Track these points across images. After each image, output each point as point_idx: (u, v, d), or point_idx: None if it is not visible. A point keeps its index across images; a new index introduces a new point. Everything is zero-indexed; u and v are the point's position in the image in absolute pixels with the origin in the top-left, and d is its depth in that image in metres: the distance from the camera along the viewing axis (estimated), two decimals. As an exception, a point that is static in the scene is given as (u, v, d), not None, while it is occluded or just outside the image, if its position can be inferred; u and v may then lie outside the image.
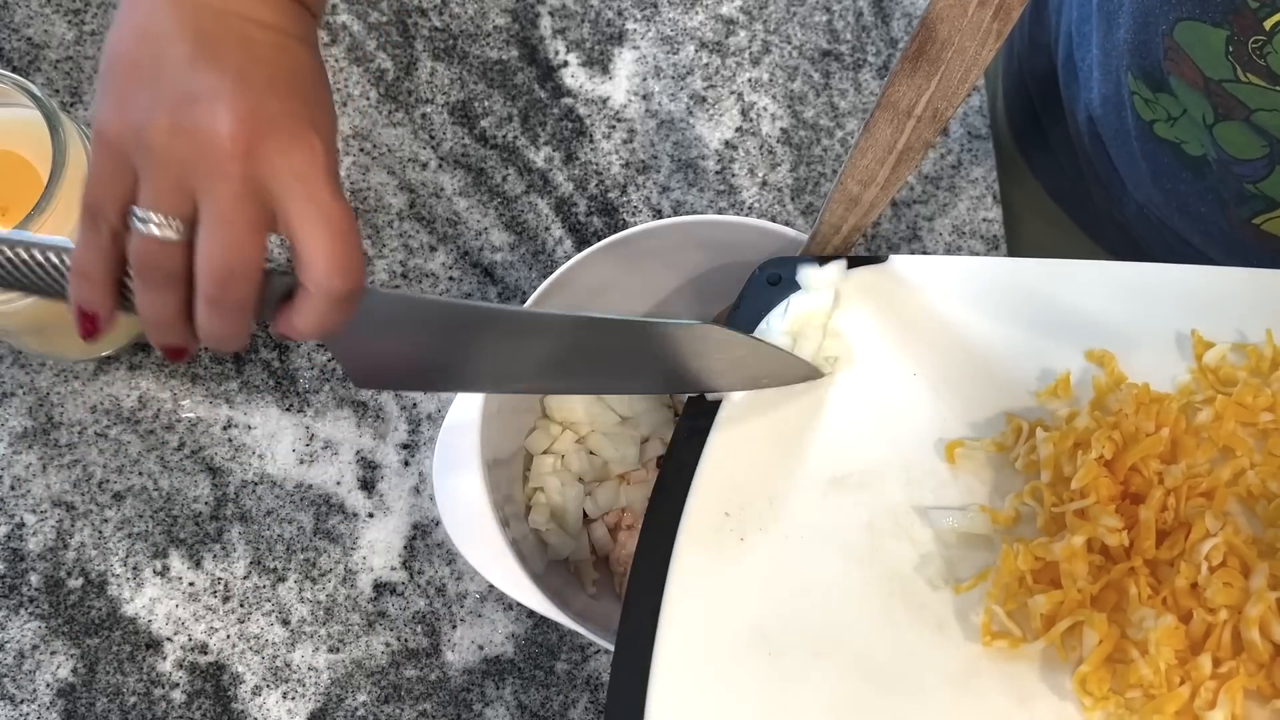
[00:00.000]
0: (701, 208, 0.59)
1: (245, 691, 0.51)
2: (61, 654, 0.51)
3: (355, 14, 0.59)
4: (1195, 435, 0.38)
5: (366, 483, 0.54)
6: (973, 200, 0.60)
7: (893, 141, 0.40)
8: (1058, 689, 0.35)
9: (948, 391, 0.40)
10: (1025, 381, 0.40)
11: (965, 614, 0.36)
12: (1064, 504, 0.37)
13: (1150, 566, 0.36)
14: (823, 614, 0.37)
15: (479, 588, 0.53)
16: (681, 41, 0.61)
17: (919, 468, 0.39)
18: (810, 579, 0.37)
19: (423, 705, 0.52)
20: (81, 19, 0.57)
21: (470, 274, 0.57)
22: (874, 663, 0.36)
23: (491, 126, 0.59)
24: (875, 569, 0.37)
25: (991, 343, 0.41)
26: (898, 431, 0.40)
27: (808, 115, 0.60)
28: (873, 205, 0.42)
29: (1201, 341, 0.40)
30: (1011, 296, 0.42)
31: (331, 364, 0.55)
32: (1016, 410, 0.40)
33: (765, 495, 0.39)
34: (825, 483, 0.39)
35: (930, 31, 0.37)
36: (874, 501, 0.39)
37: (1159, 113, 0.49)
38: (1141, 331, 0.41)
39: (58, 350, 0.53)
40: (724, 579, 0.38)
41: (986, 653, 0.36)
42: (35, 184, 0.45)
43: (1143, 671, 0.34)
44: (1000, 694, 0.35)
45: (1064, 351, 0.41)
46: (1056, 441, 0.37)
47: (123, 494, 0.53)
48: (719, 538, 0.38)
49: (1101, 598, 0.36)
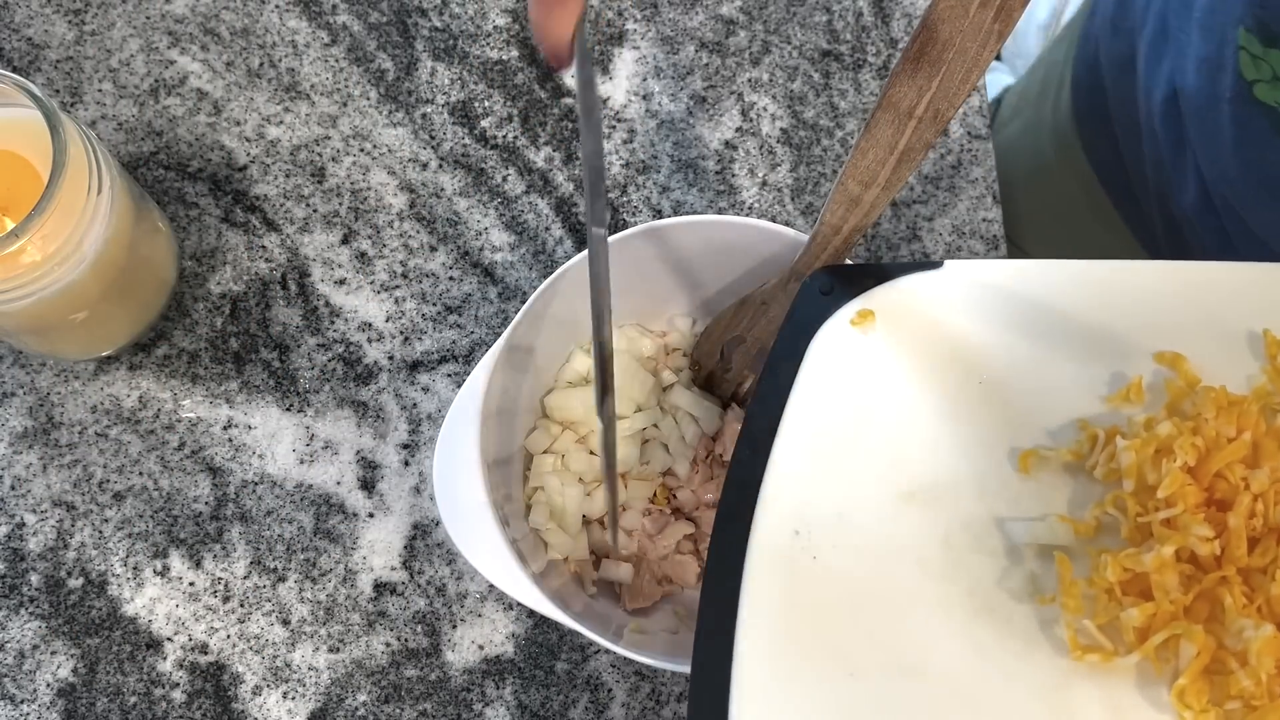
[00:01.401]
0: (701, 208, 0.59)
1: (245, 691, 0.51)
2: (62, 654, 0.51)
3: (355, 14, 0.59)
4: (1276, 438, 0.37)
5: (366, 483, 0.54)
6: (973, 200, 0.60)
7: (894, 142, 0.40)
8: (1155, 702, 0.34)
9: (1016, 399, 0.40)
10: (1095, 386, 0.39)
11: (1051, 627, 0.36)
12: (1150, 513, 0.36)
13: (1243, 575, 0.35)
14: (904, 632, 0.36)
15: (479, 588, 0.53)
16: (681, 41, 0.61)
17: (993, 478, 0.38)
18: (888, 596, 0.37)
19: (423, 705, 0.52)
20: (81, 19, 0.57)
21: (470, 274, 0.57)
22: (960, 680, 0.35)
23: (491, 126, 0.59)
24: (955, 584, 0.37)
25: (1057, 347, 0.40)
26: (968, 442, 0.39)
27: (808, 115, 0.60)
28: (873, 206, 0.42)
29: (1275, 341, 0.39)
30: (1073, 299, 0.41)
31: (331, 364, 0.55)
32: (1088, 416, 0.39)
33: (835, 512, 0.38)
34: (896, 497, 0.38)
35: (931, 33, 0.37)
36: (948, 515, 0.38)
37: (1264, 71, 0.49)
38: (1210, 332, 0.40)
39: (58, 350, 0.53)
40: (799, 599, 0.37)
41: (1077, 667, 0.35)
42: (35, 184, 0.45)
43: (1243, 683, 0.33)
44: (1095, 708, 0.35)
45: (1132, 354, 0.40)
46: (1138, 449, 0.36)
47: (123, 494, 0.53)
48: (790, 557, 0.37)
49: (1194, 608, 0.35)
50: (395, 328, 0.56)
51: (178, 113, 0.57)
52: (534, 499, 0.51)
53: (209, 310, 0.55)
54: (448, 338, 0.56)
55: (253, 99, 0.57)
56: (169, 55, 0.57)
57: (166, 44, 0.58)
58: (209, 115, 0.57)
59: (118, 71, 0.57)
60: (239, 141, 0.57)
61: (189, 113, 0.57)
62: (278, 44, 0.58)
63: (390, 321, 0.56)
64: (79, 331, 0.51)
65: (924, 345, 0.41)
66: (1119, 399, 0.39)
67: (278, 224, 0.56)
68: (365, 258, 0.56)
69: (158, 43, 0.58)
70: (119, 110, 0.57)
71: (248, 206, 0.56)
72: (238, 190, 0.56)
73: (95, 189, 0.45)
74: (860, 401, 0.40)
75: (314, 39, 0.59)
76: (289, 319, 0.55)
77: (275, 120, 0.57)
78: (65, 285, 0.46)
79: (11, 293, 0.44)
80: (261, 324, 0.55)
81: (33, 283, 0.45)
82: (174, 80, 0.57)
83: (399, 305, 0.56)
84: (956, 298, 0.42)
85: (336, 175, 0.57)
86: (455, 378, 0.55)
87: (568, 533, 0.50)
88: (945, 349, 0.41)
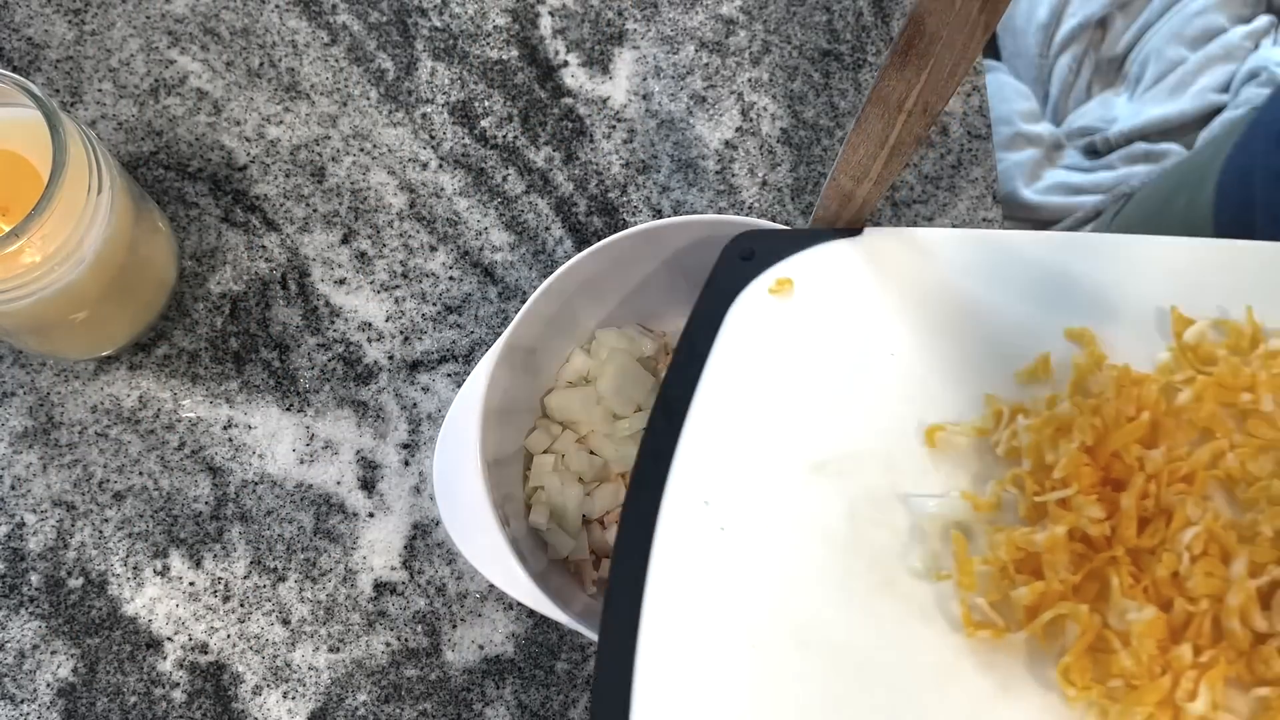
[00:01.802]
0: (701, 208, 0.59)
1: (245, 691, 0.51)
2: (62, 654, 0.51)
3: (355, 14, 0.59)
4: (1176, 417, 0.37)
5: (366, 483, 0.54)
6: (973, 200, 0.60)
7: (884, 136, 0.40)
8: (1042, 679, 0.35)
9: (927, 372, 0.40)
10: (1007, 361, 0.40)
11: (948, 604, 0.36)
12: (1045, 493, 0.36)
13: (1132, 555, 0.36)
14: (805, 604, 0.36)
15: (479, 588, 0.53)
16: (681, 41, 0.61)
17: (900, 452, 0.38)
18: (792, 568, 0.37)
19: (423, 705, 0.52)
20: (81, 19, 0.58)
21: (470, 274, 0.57)
22: (858, 653, 0.36)
23: (491, 126, 0.59)
24: (858, 558, 0.37)
25: (973, 319, 0.40)
26: (878, 415, 0.39)
27: (808, 115, 0.60)
28: (866, 201, 0.42)
29: (1181, 318, 0.39)
30: (993, 270, 0.41)
31: (331, 364, 0.55)
32: (998, 392, 0.39)
33: (745, 482, 0.38)
34: (806, 468, 0.38)
35: (918, 25, 0.37)
36: (855, 488, 0.38)
37: None
38: (1124, 307, 0.40)
39: (58, 350, 0.53)
40: (705, 570, 0.37)
41: (970, 643, 0.35)
42: (35, 184, 0.45)
43: (1124, 662, 0.34)
44: (985, 684, 0.35)
45: (1046, 329, 0.40)
46: (1037, 429, 0.37)
47: (123, 494, 0.53)
48: (699, 527, 0.37)
49: (1084, 587, 0.36)
50: (395, 328, 0.56)
51: (178, 113, 0.57)
52: (534, 499, 0.51)
53: (209, 310, 0.55)
54: (448, 338, 0.56)
55: (253, 99, 0.57)
56: (169, 55, 0.57)
57: (166, 44, 0.58)
58: (209, 115, 0.57)
59: (118, 71, 0.57)
60: (239, 141, 0.57)
61: (189, 113, 0.57)
62: (278, 44, 0.58)
63: (390, 321, 0.56)
64: (79, 331, 0.51)
65: (841, 315, 0.41)
66: (1027, 375, 0.39)
67: (278, 224, 0.56)
68: (365, 258, 0.56)
69: (158, 42, 0.58)
70: (119, 110, 0.57)
71: (248, 206, 0.56)
72: (238, 190, 0.56)
73: (95, 189, 0.45)
74: (775, 370, 0.40)
75: (314, 39, 0.59)
76: (289, 319, 0.55)
77: (275, 120, 0.57)
78: (65, 285, 0.46)
79: (11, 293, 0.44)
80: (261, 324, 0.55)
81: (33, 283, 0.45)
82: (174, 80, 0.57)
83: (399, 305, 0.56)
84: (876, 265, 0.41)
85: (336, 175, 0.57)
86: (455, 378, 0.55)
87: (568, 533, 0.50)
88: (861, 319, 0.41)
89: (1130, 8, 0.99)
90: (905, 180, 0.60)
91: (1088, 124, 0.97)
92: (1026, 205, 0.92)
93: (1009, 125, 0.95)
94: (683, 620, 0.36)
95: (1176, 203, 0.73)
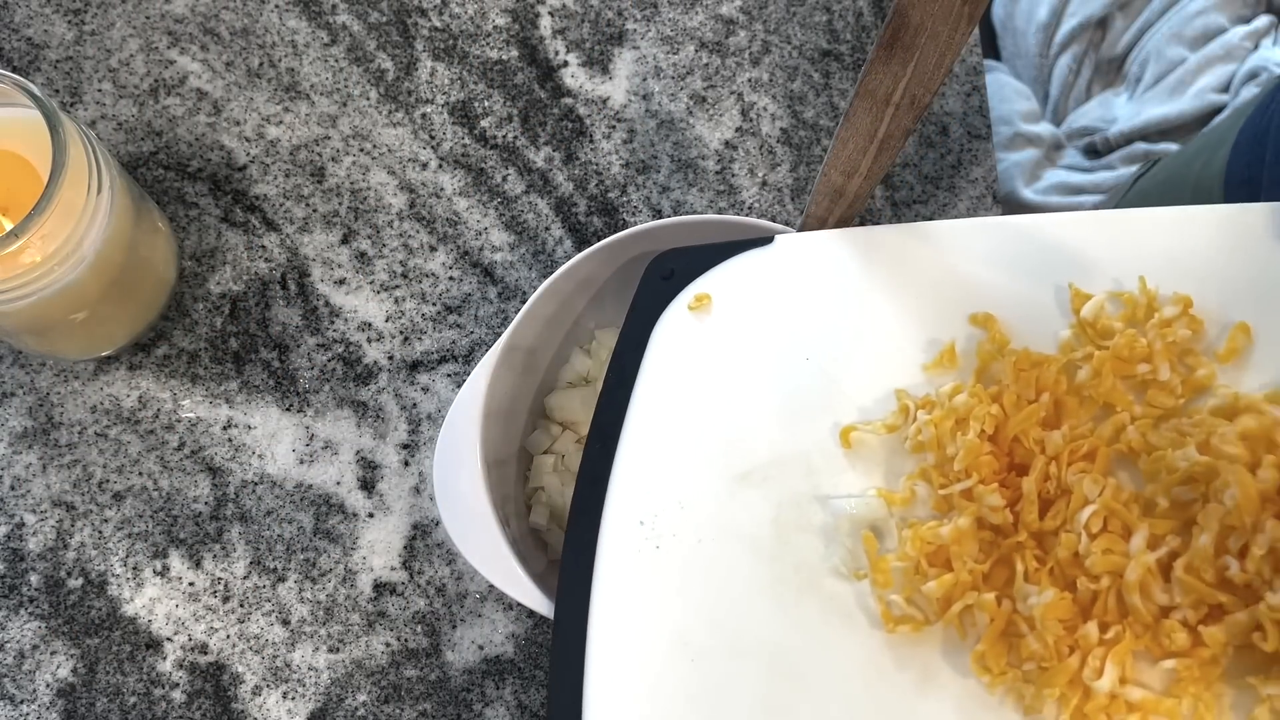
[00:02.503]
0: (701, 208, 0.59)
1: (245, 691, 0.51)
2: (61, 654, 0.51)
3: (355, 14, 0.59)
4: (1077, 395, 0.38)
5: (366, 483, 0.54)
6: (972, 200, 0.60)
7: (873, 130, 0.40)
8: (960, 667, 0.36)
9: (841, 373, 0.40)
10: (914, 354, 0.40)
11: (868, 601, 0.37)
12: (950, 484, 0.37)
13: (1037, 539, 0.36)
14: (738, 614, 0.37)
15: (479, 588, 0.53)
16: (681, 41, 0.61)
17: (819, 456, 0.39)
18: (724, 580, 0.38)
19: (423, 705, 0.52)
20: (81, 19, 0.57)
21: (470, 274, 0.57)
22: (789, 658, 0.36)
23: (491, 126, 0.59)
24: (784, 564, 0.38)
25: (881, 315, 0.41)
26: (797, 420, 0.40)
27: (808, 115, 0.60)
28: (857, 196, 0.42)
29: (1079, 294, 0.39)
30: (897, 263, 0.42)
31: (331, 364, 0.55)
32: (908, 386, 0.39)
33: (676, 499, 0.39)
34: (732, 480, 0.39)
35: (903, 18, 0.37)
36: (778, 494, 0.38)
37: None
38: (1026, 288, 0.40)
39: (58, 350, 0.53)
40: (643, 589, 0.38)
41: (893, 638, 0.36)
42: (35, 184, 0.45)
43: (1033, 646, 0.34)
44: (908, 677, 0.36)
45: (951, 318, 0.40)
46: (938, 422, 0.37)
47: (123, 494, 0.53)
48: (635, 547, 0.38)
49: (993, 574, 0.36)
50: (395, 328, 0.56)
51: (177, 113, 0.57)
52: (534, 499, 0.51)
53: (209, 310, 0.55)
54: (448, 338, 0.56)
55: (252, 99, 0.57)
56: (169, 55, 0.57)
57: (166, 44, 0.58)
58: (209, 115, 0.57)
59: (117, 71, 0.57)
60: (239, 141, 0.57)
61: (189, 113, 0.57)
62: (277, 44, 0.58)
63: (390, 321, 0.56)
64: (79, 331, 0.51)
65: (756, 325, 0.41)
66: (935, 366, 0.40)
67: (277, 224, 0.56)
68: (365, 258, 0.56)
69: (157, 43, 0.58)
70: (119, 110, 0.57)
71: (247, 206, 0.56)
72: (237, 190, 0.56)
73: (95, 189, 0.45)
74: (699, 386, 0.41)
75: (314, 39, 0.59)
76: (289, 319, 0.55)
77: (275, 120, 0.57)
78: (65, 285, 0.46)
79: (11, 293, 0.44)
80: (261, 324, 0.55)
81: (33, 283, 0.45)
82: (174, 80, 0.57)
83: (399, 305, 0.56)
84: (788, 273, 0.42)
85: (336, 175, 0.57)
86: (455, 378, 0.55)
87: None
88: (776, 327, 0.41)
89: (1130, 8, 0.99)
90: (905, 180, 0.60)
91: (1088, 124, 0.97)
92: (1026, 205, 0.92)
93: (1009, 125, 0.95)
94: (627, 640, 0.37)
95: (1193, 166, 0.73)
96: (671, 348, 0.41)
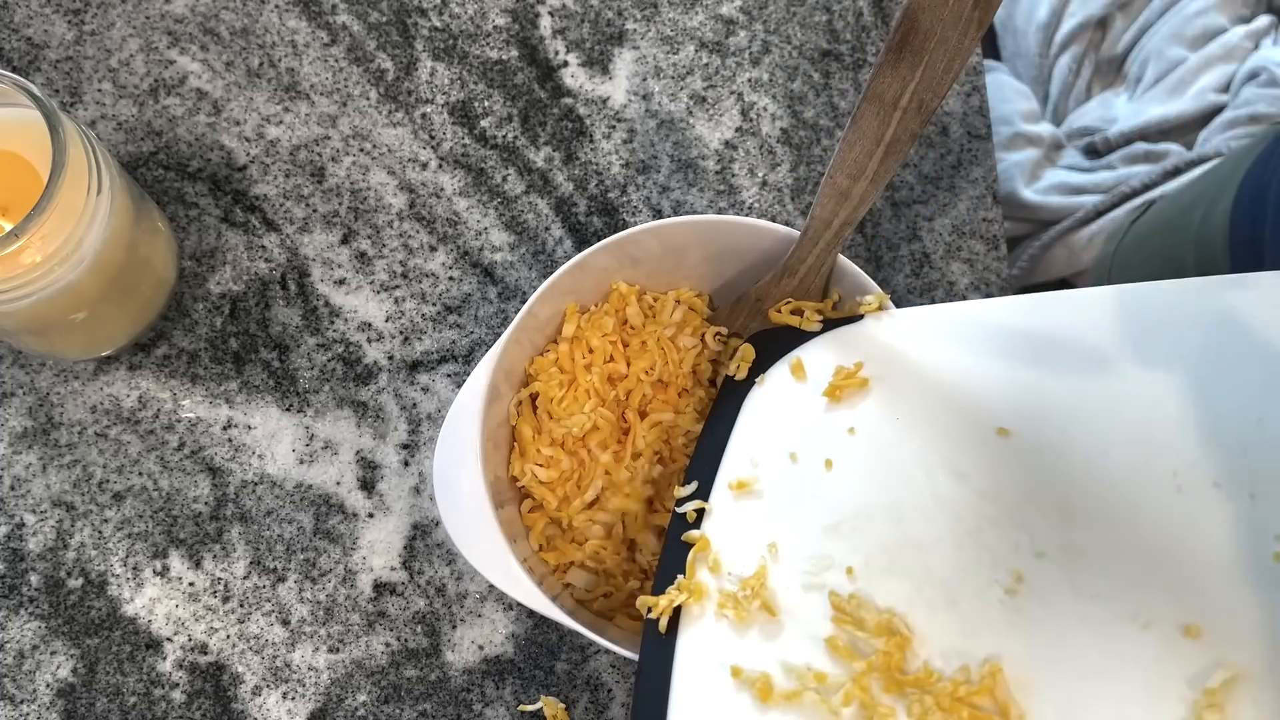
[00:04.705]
0: (701, 208, 0.59)
1: (245, 691, 0.51)
2: (61, 654, 0.51)
3: (355, 14, 0.59)
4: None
5: (366, 483, 0.54)
6: (973, 200, 0.60)
7: (880, 134, 0.40)
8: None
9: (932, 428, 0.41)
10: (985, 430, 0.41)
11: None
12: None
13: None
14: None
15: (479, 588, 0.53)
16: (681, 41, 0.61)
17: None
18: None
19: (423, 705, 0.52)
20: (81, 19, 0.57)
21: (470, 274, 0.57)
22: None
23: (491, 126, 0.59)
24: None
25: (949, 392, 0.42)
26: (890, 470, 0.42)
27: (808, 115, 0.60)
28: (863, 199, 0.42)
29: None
30: (963, 342, 0.43)
31: (331, 364, 0.55)
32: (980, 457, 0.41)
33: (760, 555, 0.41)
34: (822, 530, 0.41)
35: (912, 22, 0.37)
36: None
37: None
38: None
39: (58, 350, 0.53)
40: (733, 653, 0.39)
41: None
42: (35, 184, 0.45)
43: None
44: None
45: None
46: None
47: (123, 494, 0.53)
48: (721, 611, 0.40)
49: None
50: (395, 328, 0.56)
51: (177, 113, 0.57)
52: (534, 499, 0.51)
53: (209, 310, 0.55)
54: (447, 338, 0.56)
55: (252, 99, 0.57)
56: (169, 55, 0.57)
57: (166, 44, 0.58)
58: (209, 115, 0.57)
59: (117, 71, 0.57)
60: (239, 141, 0.57)
61: (189, 113, 0.57)
62: (277, 44, 0.58)
63: (390, 321, 0.56)
64: (79, 331, 0.51)
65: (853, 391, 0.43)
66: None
67: (277, 224, 0.56)
68: (365, 258, 0.56)
69: (157, 43, 0.57)
70: (119, 110, 0.57)
71: (247, 206, 0.56)
72: (237, 190, 0.56)
73: (95, 189, 0.45)
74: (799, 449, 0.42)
75: (314, 39, 0.59)
76: (289, 319, 0.55)
77: (275, 120, 0.57)
78: (65, 285, 0.46)
79: (11, 293, 0.44)
80: (261, 324, 0.55)
81: (33, 283, 0.45)
82: (174, 80, 0.57)
83: (399, 305, 0.56)
84: (875, 346, 0.44)
85: (336, 175, 0.57)
86: (455, 378, 0.55)
87: (568, 533, 0.50)
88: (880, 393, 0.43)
89: (1130, 8, 0.99)
90: (906, 180, 0.60)
91: (1088, 124, 0.97)
92: (1026, 205, 0.92)
93: (1009, 125, 0.95)
94: (714, 689, 0.38)
95: (1193, 215, 0.73)
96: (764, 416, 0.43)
